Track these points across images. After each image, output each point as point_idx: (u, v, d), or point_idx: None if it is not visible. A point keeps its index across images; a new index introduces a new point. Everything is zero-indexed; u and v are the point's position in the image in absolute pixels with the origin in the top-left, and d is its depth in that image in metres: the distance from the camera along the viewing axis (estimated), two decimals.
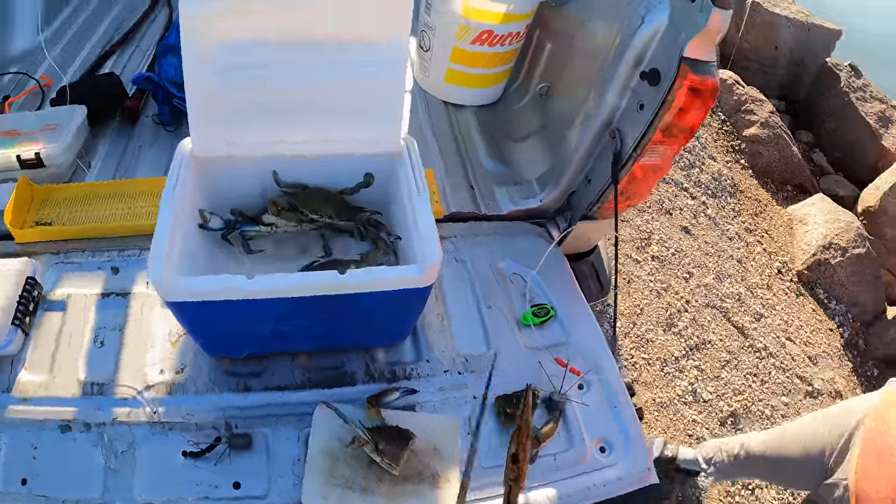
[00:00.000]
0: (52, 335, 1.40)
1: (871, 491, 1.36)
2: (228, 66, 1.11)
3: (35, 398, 1.30)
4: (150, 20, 2.53)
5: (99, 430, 1.27)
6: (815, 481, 1.73)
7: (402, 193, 1.27)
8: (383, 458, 1.15)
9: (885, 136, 4.43)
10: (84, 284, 1.50)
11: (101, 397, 1.31)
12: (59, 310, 1.45)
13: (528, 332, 1.53)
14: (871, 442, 1.44)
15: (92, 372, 1.35)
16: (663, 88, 1.37)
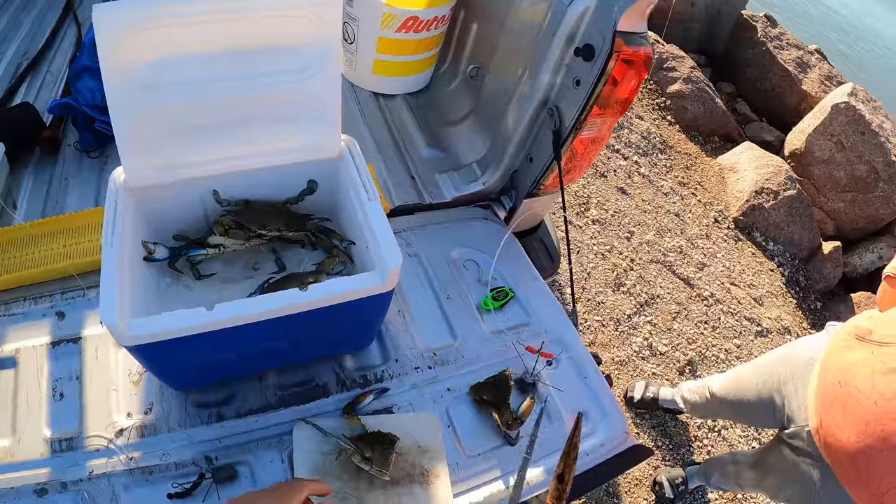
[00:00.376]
0: (8, 396, 1.32)
1: (842, 437, 1.42)
2: (153, 86, 1.06)
3: (3, 465, 1.22)
4: (58, 40, 2.38)
5: (77, 487, 1.20)
6: (774, 423, 1.83)
7: (350, 197, 1.25)
8: (372, 465, 1.14)
9: (804, 81, 4.59)
10: (31, 335, 1.41)
11: (73, 453, 1.24)
12: (10, 367, 1.36)
13: (490, 317, 1.55)
14: (832, 393, 1.50)
15: (57, 428, 1.27)
16: (599, 63, 1.40)
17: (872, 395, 1.35)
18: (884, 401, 1.32)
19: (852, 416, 1.40)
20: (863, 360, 1.42)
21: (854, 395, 1.40)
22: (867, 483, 1.38)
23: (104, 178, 1.77)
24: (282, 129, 1.24)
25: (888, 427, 1.30)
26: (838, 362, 1.51)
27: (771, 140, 4.47)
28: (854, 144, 3.97)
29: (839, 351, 1.54)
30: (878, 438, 1.32)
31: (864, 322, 1.54)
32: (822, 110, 4.07)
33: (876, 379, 1.36)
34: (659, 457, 2.73)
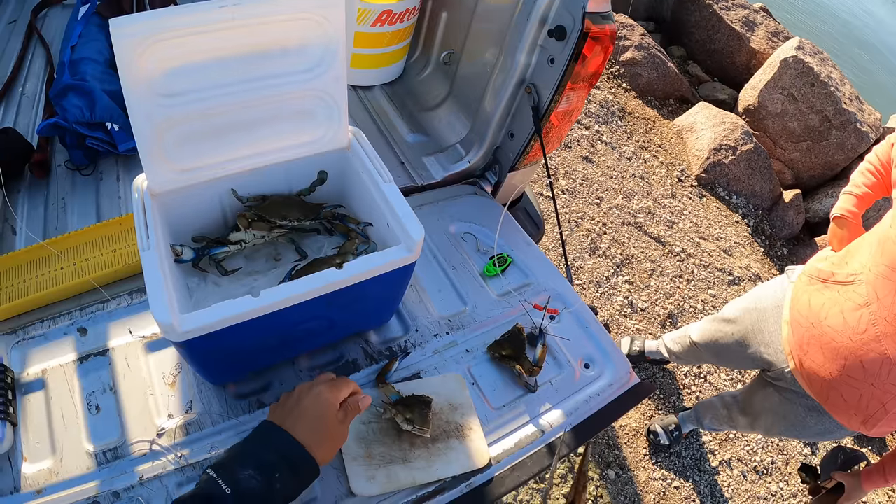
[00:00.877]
0: (41, 418, 1.32)
1: (824, 374, 1.54)
2: (172, 94, 1.11)
3: (48, 487, 1.22)
4: (26, 64, 2.38)
5: (129, 494, 1.22)
6: (754, 366, 1.95)
7: (364, 181, 1.33)
8: (415, 425, 1.23)
9: (752, 39, 4.77)
10: (56, 355, 1.42)
11: (119, 461, 1.26)
12: (38, 389, 1.36)
13: (494, 282, 1.67)
14: (807, 335, 1.60)
15: (99, 440, 1.28)
16: (570, 42, 1.50)
17: (846, 331, 1.46)
18: (857, 335, 1.44)
19: (830, 354, 1.51)
20: (831, 301, 1.53)
21: (829, 334, 1.51)
22: (855, 409, 1.50)
23: (102, 195, 1.81)
24: (293, 126, 1.30)
25: (866, 358, 1.42)
26: (808, 306, 1.62)
27: (724, 98, 4.65)
28: (805, 96, 4.15)
29: (806, 295, 1.64)
30: (859, 369, 1.44)
31: (822, 264, 1.65)
32: (772, 66, 4.24)
33: (846, 316, 1.47)
34: (652, 406, 2.88)
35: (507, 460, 1.32)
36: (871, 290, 1.42)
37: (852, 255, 1.55)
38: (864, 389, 1.46)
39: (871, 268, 1.44)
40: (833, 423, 1.70)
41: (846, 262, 1.56)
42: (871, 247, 1.47)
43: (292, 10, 1.11)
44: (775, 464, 2.91)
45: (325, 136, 1.35)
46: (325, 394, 0.99)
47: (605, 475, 2.61)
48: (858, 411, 1.51)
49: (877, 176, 1.71)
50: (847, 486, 1.69)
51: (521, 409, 1.42)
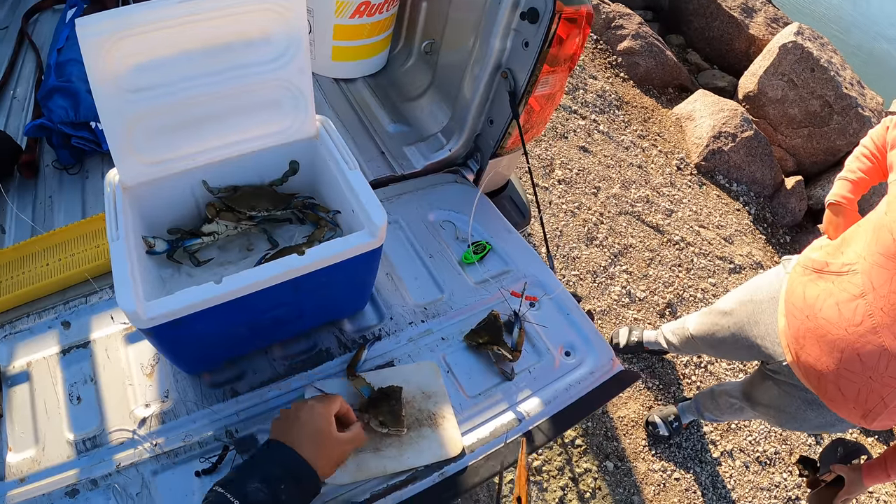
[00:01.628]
0: (26, 409, 1.36)
1: (821, 367, 1.51)
2: (139, 88, 1.12)
3: (32, 475, 1.25)
4: (17, 68, 2.42)
5: (107, 481, 1.25)
6: (752, 357, 1.92)
7: (331, 169, 1.33)
8: (389, 428, 1.22)
9: (750, 25, 4.71)
10: (40, 348, 1.46)
11: (98, 449, 1.29)
12: (24, 381, 1.41)
13: (472, 270, 1.66)
14: (803, 328, 1.57)
15: (79, 429, 1.32)
16: (543, 24, 1.49)
17: (842, 323, 1.43)
18: (853, 327, 1.41)
19: (826, 347, 1.48)
20: (826, 292, 1.50)
21: (824, 327, 1.48)
22: (854, 402, 1.47)
23: (88, 192, 1.84)
24: (261, 116, 1.31)
25: (863, 350, 1.39)
26: (802, 297, 1.59)
27: (724, 86, 4.61)
28: (805, 81, 4.10)
29: (801, 286, 1.62)
30: (856, 362, 1.41)
31: (817, 254, 1.62)
32: (771, 52, 4.20)
33: (841, 307, 1.44)
34: (651, 397, 2.86)
35: (481, 449, 1.32)
36: (866, 279, 1.39)
37: (847, 244, 1.52)
38: (863, 383, 1.43)
39: (865, 257, 1.41)
40: (834, 417, 1.68)
41: (841, 251, 1.53)
42: (867, 235, 1.44)
43: (253, 2, 1.12)
44: (778, 454, 2.89)
45: (293, 125, 1.35)
46: (318, 407, 1.05)
47: (603, 467, 2.60)
48: (857, 405, 1.48)
49: (872, 160, 1.66)
50: (847, 479, 1.66)
51: (498, 397, 1.41)
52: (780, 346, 1.70)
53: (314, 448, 0.99)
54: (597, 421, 2.73)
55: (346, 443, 1.06)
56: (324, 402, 1.07)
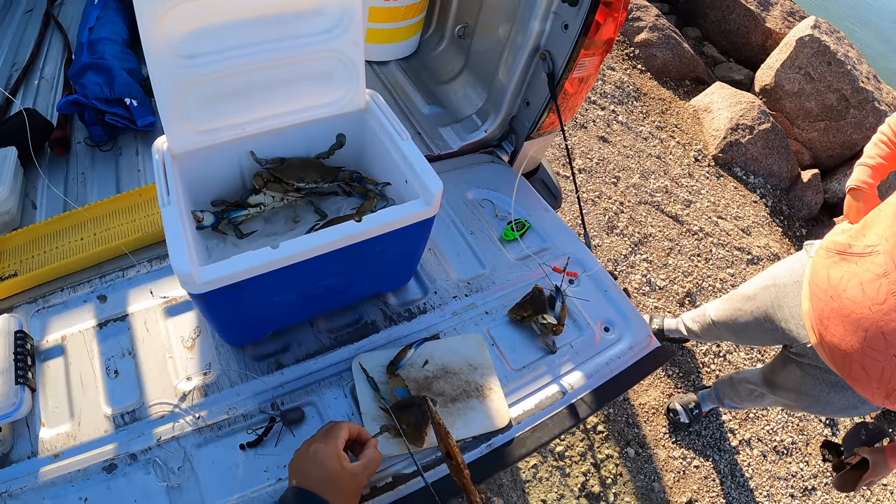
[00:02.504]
0: (60, 383, 1.34)
1: (845, 347, 1.52)
2: (191, 56, 1.12)
3: (66, 450, 1.23)
4: (44, 48, 2.42)
5: (147, 456, 1.23)
6: (774, 342, 1.93)
7: (383, 141, 1.33)
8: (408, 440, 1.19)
9: (767, 19, 4.70)
10: (75, 322, 1.43)
11: (137, 423, 1.27)
12: (57, 355, 1.38)
13: (512, 247, 1.67)
14: (827, 309, 1.59)
15: (117, 404, 1.30)
16: (584, 7, 1.50)
17: (865, 302, 1.45)
18: (877, 306, 1.42)
19: (851, 326, 1.50)
20: (849, 273, 1.52)
21: (848, 307, 1.50)
22: (878, 381, 1.48)
23: (122, 169, 1.83)
24: (311, 88, 1.30)
25: (886, 328, 1.40)
26: (826, 279, 1.61)
27: (741, 79, 4.60)
28: (822, 75, 4.10)
29: (825, 269, 1.63)
30: (880, 340, 1.42)
31: (840, 237, 1.64)
32: (788, 45, 4.19)
33: (865, 287, 1.46)
34: (671, 385, 2.86)
35: (527, 421, 1.32)
36: (888, 259, 1.41)
37: (869, 227, 1.54)
38: (887, 361, 1.43)
39: (887, 238, 1.43)
40: (857, 399, 1.68)
41: (863, 234, 1.55)
42: (887, 217, 1.46)
43: None
44: (795, 444, 2.89)
45: (344, 97, 1.35)
46: (322, 450, 1.03)
47: (624, 453, 2.60)
48: (881, 384, 1.48)
49: (890, 146, 1.69)
50: (872, 461, 1.66)
51: (542, 370, 1.41)
52: (805, 329, 1.71)
53: (331, 490, 0.99)
54: (618, 408, 2.73)
55: (362, 472, 1.05)
56: (327, 441, 1.04)
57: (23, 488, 1.18)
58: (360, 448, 1.10)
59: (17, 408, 1.23)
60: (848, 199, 1.76)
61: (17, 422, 1.27)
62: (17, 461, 1.22)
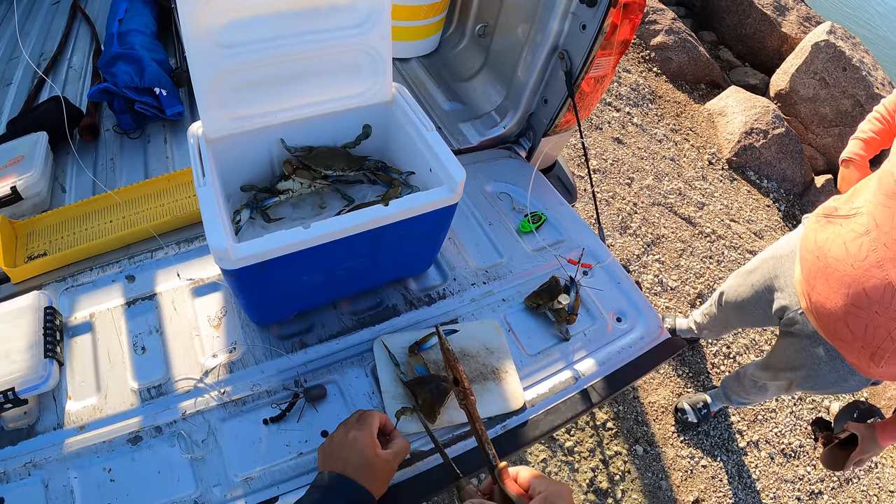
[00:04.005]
0: (87, 358, 1.38)
1: (830, 306, 1.57)
2: (229, 45, 1.17)
3: (92, 423, 1.27)
4: (71, 39, 2.49)
5: (172, 428, 1.27)
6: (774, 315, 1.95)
7: (408, 132, 1.38)
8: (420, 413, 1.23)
9: (783, 24, 4.72)
10: (104, 300, 1.48)
11: (163, 397, 1.32)
12: (85, 332, 1.43)
13: (528, 238, 1.72)
14: (813, 269, 1.64)
15: (143, 378, 1.34)
16: (601, 8, 1.55)
17: (848, 259, 1.50)
18: (859, 262, 1.47)
19: (835, 284, 1.54)
20: (835, 234, 1.57)
21: (833, 265, 1.55)
22: (862, 341, 1.52)
23: (150, 156, 1.89)
24: (341, 79, 1.36)
25: (868, 284, 1.45)
26: (814, 241, 1.66)
27: (756, 83, 4.61)
28: (837, 80, 4.10)
29: (813, 232, 1.69)
30: (862, 297, 1.47)
31: (830, 203, 1.69)
32: (803, 50, 4.21)
33: (848, 245, 1.51)
34: (681, 384, 2.89)
35: (541, 404, 1.36)
36: (870, 219, 1.46)
37: (857, 195, 1.59)
38: (869, 318, 1.47)
39: (870, 200, 1.48)
40: (846, 369, 1.71)
41: (851, 200, 1.60)
42: (874, 184, 1.50)
43: None
44: (803, 447, 2.90)
45: (371, 89, 1.40)
46: (360, 437, 1.06)
47: (633, 451, 2.63)
48: (866, 343, 1.52)
49: (883, 123, 1.76)
50: (861, 437, 1.68)
51: (556, 356, 1.46)
52: (796, 296, 1.76)
53: (367, 476, 1.02)
54: (628, 405, 2.76)
55: (393, 459, 1.08)
56: (363, 428, 1.07)
57: (47, 458, 1.22)
58: (385, 437, 1.14)
59: (45, 380, 1.27)
60: (841, 171, 1.82)
61: (44, 394, 1.31)
62: (42, 432, 1.27)
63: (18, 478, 1.20)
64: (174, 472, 1.22)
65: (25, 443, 1.25)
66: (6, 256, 1.51)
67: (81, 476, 1.20)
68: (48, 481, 1.19)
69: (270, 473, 1.23)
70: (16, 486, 1.19)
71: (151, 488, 1.20)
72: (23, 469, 1.21)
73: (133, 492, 1.19)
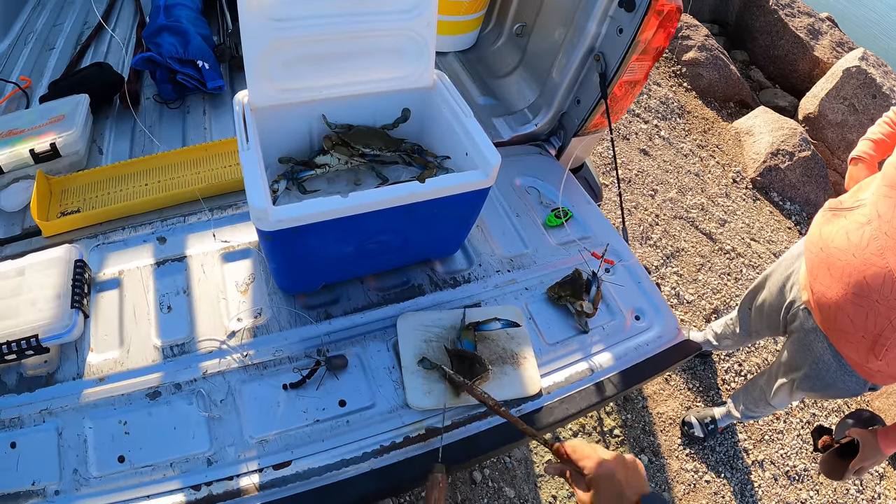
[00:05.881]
0: (113, 313, 1.41)
1: (832, 296, 1.58)
2: (280, 19, 1.22)
3: (112, 375, 1.30)
4: (115, 11, 2.54)
5: (191, 386, 1.30)
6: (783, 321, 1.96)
7: (446, 117, 1.41)
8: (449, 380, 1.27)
9: (816, 47, 4.69)
10: (133, 259, 1.52)
11: (186, 356, 1.34)
12: (113, 288, 1.46)
13: (554, 232, 1.75)
14: (817, 261, 1.65)
15: (167, 336, 1.37)
16: (639, 13, 1.58)
17: (850, 248, 1.51)
18: (860, 251, 1.48)
19: (837, 274, 1.55)
20: (838, 227, 1.59)
21: (835, 255, 1.56)
22: (863, 330, 1.52)
23: (188, 125, 1.94)
24: (384, 62, 1.40)
25: (868, 272, 1.46)
26: (818, 234, 1.68)
27: (785, 105, 4.60)
28: (866, 107, 4.09)
29: (818, 226, 1.71)
30: (863, 286, 1.48)
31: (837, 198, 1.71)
32: (834, 75, 4.19)
33: (850, 235, 1.52)
34: (691, 398, 2.88)
35: (557, 392, 1.39)
36: (872, 209, 1.47)
37: (863, 190, 1.60)
38: (870, 307, 1.48)
39: (874, 192, 1.50)
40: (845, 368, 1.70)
41: (857, 194, 1.61)
42: (878, 179, 1.52)
43: None
44: (807, 471, 2.89)
45: (413, 73, 1.44)
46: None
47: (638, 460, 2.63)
48: (866, 333, 1.52)
49: (893, 127, 1.78)
50: (862, 442, 1.65)
51: (574, 347, 1.48)
52: (801, 290, 1.77)
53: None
54: (636, 414, 2.76)
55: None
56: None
57: (63, 407, 1.26)
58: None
59: (69, 329, 1.31)
60: (850, 168, 1.83)
61: (66, 344, 1.35)
62: (61, 381, 1.30)
63: (32, 424, 1.23)
64: (190, 429, 1.25)
65: (43, 390, 1.29)
66: (40, 210, 1.55)
67: (97, 426, 1.24)
68: (62, 429, 1.23)
69: (285, 437, 1.26)
70: (29, 432, 1.22)
71: (166, 443, 1.23)
72: (38, 416, 1.25)
73: (147, 445, 1.22)
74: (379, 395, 1.33)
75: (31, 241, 1.56)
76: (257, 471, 1.21)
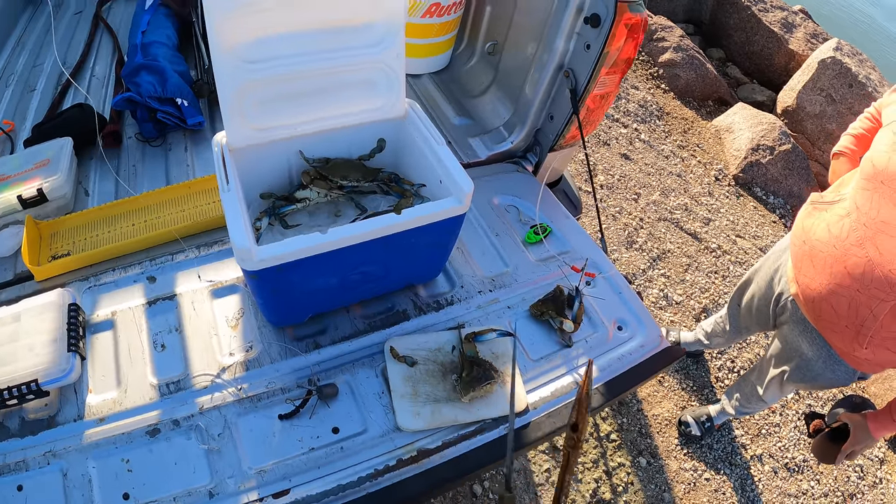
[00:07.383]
0: (108, 354, 1.44)
1: (816, 286, 1.62)
2: (252, 61, 1.25)
3: (112, 415, 1.33)
4: (94, 49, 2.57)
5: (189, 422, 1.33)
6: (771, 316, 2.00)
7: (419, 146, 1.45)
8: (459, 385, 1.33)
9: (791, 41, 4.75)
10: (125, 299, 1.54)
11: (181, 392, 1.37)
12: (107, 329, 1.49)
13: (533, 249, 1.78)
14: (800, 253, 1.69)
15: (163, 374, 1.40)
16: (604, 29, 1.62)
17: (831, 240, 1.56)
18: (840, 242, 1.53)
19: (819, 265, 1.60)
20: (820, 220, 1.64)
21: (817, 247, 1.61)
22: (846, 320, 1.56)
23: (171, 163, 1.97)
24: (357, 95, 1.44)
25: (849, 262, 1.50)
26: (801, 228, 1.72)
27: (763, 100, 4.65)
28: (843, 97, 4.14)
29: (801, 221, 1.75)
30: (845, 276, 1.52)
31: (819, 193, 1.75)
32: (810, 67, 4.24)
33: (831, 228, 1.57)
34: (685, 398, 2.91)
35: (543, 407, 1.42)
36: (851, 202, 1.52)
37: (845, 184, 1.65)
38: (852, 297, 1.52)
39: (853, 185, 1.55)
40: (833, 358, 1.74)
41: (838, 189, 1.66)
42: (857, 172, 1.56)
43: None
44: (806, 462, 2.91)
45: (385, 104, 1.48)
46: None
47: (636, 462, 2.66)
48: (850, 323, 1.56)
49: (873, 122, 1.81)
50: (853, 426, 1.68)
51: (558, 361, 1.51)
52: (788, 283, 1.80)
53: None
54: (631, 418, 2.79)
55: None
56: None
57: (66, 448, 1.28)
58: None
59: (67, 373, 1.34)
60: (832, 164, 1.87)
61: (65, 387, 1.38)
62: (63, 423, 1.33)
63: (38, 466, 1.26)
64: (190, 464, 1.28)
65: (46, 433, 1.31)
66: (31, 255, 1.57)
67: (100, 466, 1.26)
68: (67, 470, 1.25)
69: (283, 466, 1.29)
70: (34, 474, 1.25)
71: (168, 478, 1.25)
72: (42, 458, 1.27)
73: (150, 481, 1.25)
74: (370, 420, 1.36)
75: (24, 285, 1.59)
76: (258, 500, 1.24)
